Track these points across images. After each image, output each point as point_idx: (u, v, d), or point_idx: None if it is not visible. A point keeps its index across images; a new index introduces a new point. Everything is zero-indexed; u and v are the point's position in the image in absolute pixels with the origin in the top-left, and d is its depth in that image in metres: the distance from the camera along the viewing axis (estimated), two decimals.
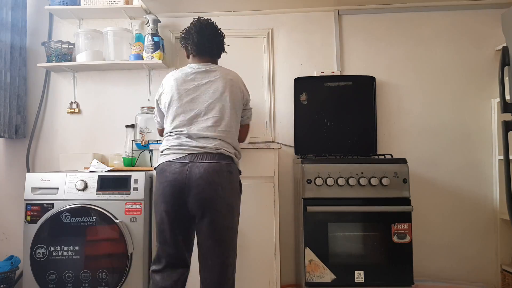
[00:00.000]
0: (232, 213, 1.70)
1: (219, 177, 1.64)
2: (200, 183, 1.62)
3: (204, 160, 1.65)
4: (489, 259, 2.55)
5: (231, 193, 1.69)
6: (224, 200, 1.65)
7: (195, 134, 1.69)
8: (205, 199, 1.63)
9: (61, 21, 2.80)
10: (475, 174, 2.59)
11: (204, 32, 1.81)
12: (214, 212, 1.64)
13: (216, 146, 1.68)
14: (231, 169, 1.70)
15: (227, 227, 1.67)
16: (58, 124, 2.77)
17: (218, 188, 1.64)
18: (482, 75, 2.63)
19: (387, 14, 2.69)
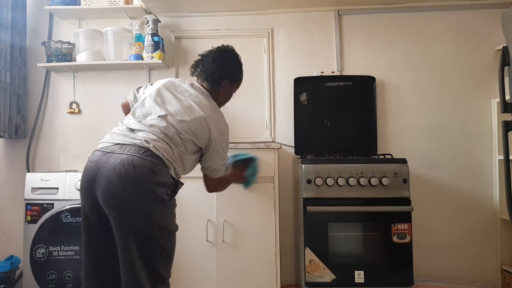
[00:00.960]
0: (150, 223, 1.39)
1: (136, 173, 1.36)
2: (109, 175, 1.36)
3: (125, 152, 1.40)
4: (489, 259, 2.55)
5: (148, 197, 1.38)
6: (136, 203, 1.36)
7: (138, 127, 1.50)
8: (112, 194, 1.36)
9: (61, 21, 2.80)
10: (475, 174, 2.59)
11: (215, 58, 1.74)
12: (121, 213, 1.37)
13: (147, 140, 1.43)
14: (158, 170, 1.40)
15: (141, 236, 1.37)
16: (58, 124, 2.76)
17: (130, 185, 1.35)
18: (482, 75, 2.63)
19: (387, 14, 2.69)
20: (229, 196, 2.19)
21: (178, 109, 1.56)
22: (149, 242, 1.40)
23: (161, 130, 1.48)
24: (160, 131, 1.48)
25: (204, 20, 2.75)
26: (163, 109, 1.55)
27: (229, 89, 1.82)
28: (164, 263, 1.45)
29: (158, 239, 1.41)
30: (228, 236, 2.18)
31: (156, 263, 1.41)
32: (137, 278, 1.37)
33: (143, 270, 1.38)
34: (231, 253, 2.18)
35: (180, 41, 2.77)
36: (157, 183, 1.40)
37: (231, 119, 2.71)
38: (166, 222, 1.45)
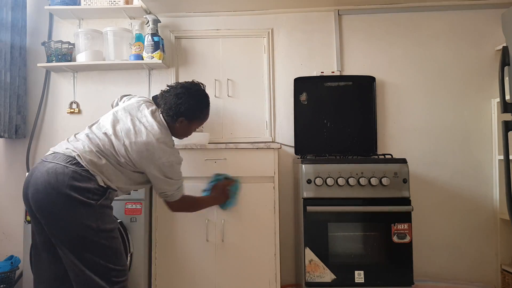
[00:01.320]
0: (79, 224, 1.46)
1: (57, 180, 1.44)
2: (36, 183, 1.46)
3: (54, 160, 1.49)
4: (489, 259, 2.55)
5: (71, 202, 1.45)
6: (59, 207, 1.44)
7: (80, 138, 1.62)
8: (37, 201, 1.46)
9: (61, 21, 2.80)
10: (475, 174, 2.59)
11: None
12: (50, 219, 1.46)
13: (74, 150, 1.53)
14: (79, 177, 1.48)
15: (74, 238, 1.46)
16: (58, 124, 2.77)
17: (52, 192, 1.43)
18: (482, 75, 2.63)
19: (387, 14, 2.69)
20: None
21: (126, 130, 1.65)
22: (83, 242, 1.48)
23: (97, 144, 1.59)
24: (95, 145, 1.59)
25: (204, 20, 2.75)
26: (111, 128, 1.65)
27: (187, 125, 1.83)
28: (113, 259, 1.53)
29: (93, 239, 1.49)
30: (228, 236, 2.18)
31: (99, 260, 1.49)
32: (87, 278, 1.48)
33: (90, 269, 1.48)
34: (231, 253, 2.18)
35: (180, 41, 2.77)
36: (78, 188, 1.47)
37: (231, 119, 2.71)
38: (97, 222, 1.50)
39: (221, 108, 2.71)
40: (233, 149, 2.20)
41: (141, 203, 2.14)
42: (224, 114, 2.72)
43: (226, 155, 2.19)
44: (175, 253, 2.18)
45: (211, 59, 2.75)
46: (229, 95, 2.72)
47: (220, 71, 2.73)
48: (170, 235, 2.19)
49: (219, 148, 2.20)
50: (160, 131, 1.69)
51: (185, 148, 2.20)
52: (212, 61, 2.74)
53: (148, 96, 2.72)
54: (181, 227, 2.19)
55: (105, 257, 1.50)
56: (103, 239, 1.51)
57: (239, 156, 2.19)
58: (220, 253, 2.17)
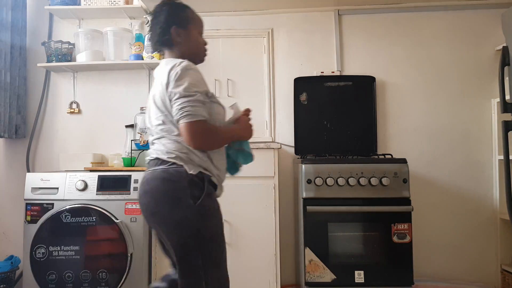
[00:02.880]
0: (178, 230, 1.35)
1: (150, 187, 1.37)
2: (139, 194, 1.43)
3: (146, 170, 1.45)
4: (489, 259, 2.55)
5: (168, 205, 1.34)
6: (159, 214, 1.36)
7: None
8: (144, 211, 1.42)
9: (61, 21, 2.80)
10: (475, 174, 2.59)
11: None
12: (155, 227, 1.42)
13: (151, 152, 1.45)
14: (169, 176, 1.34)
15: (173, 246, 1.37)
16: (58, 124, 2.76)
17: (151, 200, 1.36)
18: (482, 75, 2.63)
19: (387, 14, 2.69)
20: (229, 196, 2.19)
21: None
22: (183, 251, 1.37)
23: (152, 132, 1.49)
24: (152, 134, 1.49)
25: (204, 20, 2.74)
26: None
27: (185, 33, 1.56)
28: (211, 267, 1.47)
29: (193, 245, 1.37)
30: (228, 236, 2.17)
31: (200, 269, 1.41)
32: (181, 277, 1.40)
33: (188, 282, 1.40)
34: (231, 253, 2.17)
35: None
36: (175, 189, 1.34)
37: None
38: (199, 226, 1.36)
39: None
40: None
41: None
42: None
43: None
44: None
45: (211, 59, 2.73)
46: (229, 95, 2.72)
47: (220, 71, 2.73)
48: None
49: None
50: (162, 67, 1.48)
51: None
52: (212, 61, 2.74)
53: (148, 96, 2.72)
54: None
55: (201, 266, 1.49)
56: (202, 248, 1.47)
57: None
58: None
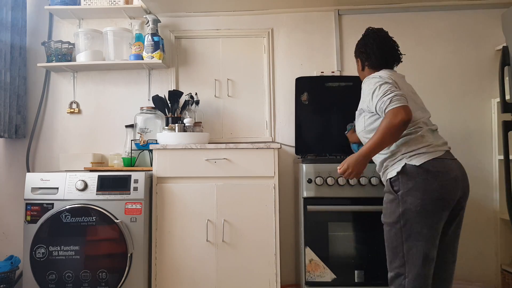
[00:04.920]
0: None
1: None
2: (464, 178, 1.63)
3: (453, 158, 1.66)
4: (489, 259, 2.55)
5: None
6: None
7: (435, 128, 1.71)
8: (467, 195, 1.65)
9: (61, 21, 2.80)
10: (475, 174, 2.59)
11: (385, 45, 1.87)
12: (464, 208, 1.66)
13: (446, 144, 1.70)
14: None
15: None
16: (58, 124, 2.76)
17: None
18: (482, 75, 2.63)
19: (387, 14, 2.69)
20: (229, 196, 2.19)
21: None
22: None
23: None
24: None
25: (204, 20, 2.75)
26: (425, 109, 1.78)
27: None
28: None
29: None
30: (228, 236, 2.18)
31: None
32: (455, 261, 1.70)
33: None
34: (231, 253, 2.18)
35: (180, 41, 2.77)
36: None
37: (231, 119, 2.71)
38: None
39: (221, 108, 2.71)
40: (233, 149, 2.19)
41: (141, 203, 2.13)
42: (224, 114, 2.72)
43: (226, 155, 2.19)
44: (175, 253, 2.18)
45: (211, 59, 2.75)
46: (229, 95, 2.72)
47: (220, 71, 2.73)
48: (170, 235, 2.19)
49: (219, 148, 2.20)
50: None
51: (185, 148, 2.20)
52: (212, 61, 2.74)
53: (148, 96, 2.72)
54: (181, 227, 2.19)
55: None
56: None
57: (239, 156, 2.19)
58: (220, 253, 2.17)
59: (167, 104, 2.51)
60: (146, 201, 2.16)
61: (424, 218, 1.55)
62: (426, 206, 1.54)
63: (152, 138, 2.50)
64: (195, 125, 2.46)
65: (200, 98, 2.60)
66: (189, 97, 2.54)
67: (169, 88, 2.68)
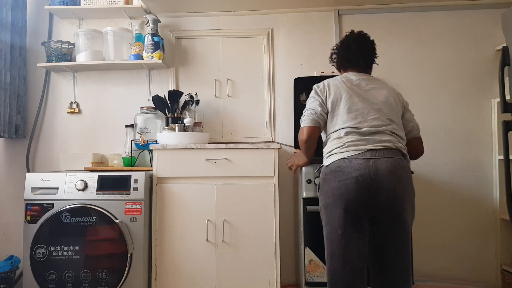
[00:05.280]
0: (413, 215, 1.65)
1: (406, 173, 1.61)
2: (390, 179, 1.55)
3: (388, 156, 1.59)
4: (489, 259, 2.55)
5: (413, 192, 1.64)
6: (411, 199, 1.62)
7: (371, 130, 1.64)
8: (396, 196, 1.56)
9: (61, 21, 2.80)
10: (475, 174, 2.59)
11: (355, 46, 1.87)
12: (403, 210, 1.57)
13: (395, 141, 1.64)
14: (409, 166, 1.67)
15: (409, 230, 1.61)
16: (58, 124, 2.77)
17: (407, 185, 1.60)
18: (482, 75, 2.63)
19: (387, 14, 2.69)
20: (229, 196, 2.19)
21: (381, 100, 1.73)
22: (410, 234, 1.63)
23: (389, 127, 1.67)
24: (391, 130, 1.67)
25: (204, 20, 2.75)
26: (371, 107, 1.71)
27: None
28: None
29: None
30: (228, 236, 2.18)
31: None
32: (408, 268, 1.61)
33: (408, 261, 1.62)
34: (231, 253, 2.18)
35: (180, 41, 2.77)
36: (411, 179, 1.64)
37: (231, 119, 2.71)
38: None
39: (221, 108, 2.71)
40: (233, 149, 2.20)
41: (141, 203, 2.14)
42: (224, 114, 2.72)
43: (226, 155, 2.19)
44: (175, 253, 2.18)
45: (211, 59, 2.75)
46: (229, 95, 2.72)
47: (220, 71, 2.73)
48: (170, 235, 2.19)
49: (219, 148, 2.20)
50: (379, 80, 1.87)
51: (185, 148, 2.20)
52: (212, 61, 2.74)
53: (148, 96, 2.72)
54: (181, 227, 2.19)
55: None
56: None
57: (239, 156, 2.19)
58: (220, 253, 2.17)
59: (167, 104, 2.52)
60: (146, 201, 2.16)
61: (328, 216, 1.64)
62: (328, 206, 1.62)
63: (152, 138, 2.50)
64: (195, 125, 2.46)
65: (200, 98, 2.60)
66: (189, 97, 2.54)
67: (169, 88, 2.68)
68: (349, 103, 1.71)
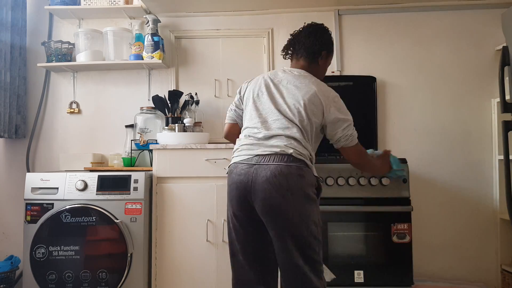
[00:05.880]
0: (306, 222, 1.48)
1: (288, 181, 1.46)
2: (266, 187, 1.46)
3: (271, 162, 1.48)
4: (489, 259, 2.55)
5: (301, 200, 1.48)
6: (295, 207, 1.47)
7: (267, 134, 1.55)
8: (272, 205, 1.47)
9: (61, 21, 2.80)
10: (475, 174, 2.59)
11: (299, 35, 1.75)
12: (282, 219, 1.47)
13: (287, 146, 1.50)
14: (303, 173, 1.49)
15: (298, 236, 1.47)
16: (58, 124, 2.77)
17: (287, 193, 1.46)
18: (482, 75, 2.63)
19: (387, 14, 2.69)
20: None
21: (290, 101, 1.59)
22: (309, 240, 1.49)
23: (290, 133, 1.54)
24: (289, 134, 1.53)
25: (204, 20, 2.75)
26: (277, 109, 1.58)
27: (326, 61, 1.79)
28: (320, 253, 1.55)
29: (316, 235, 1.51)
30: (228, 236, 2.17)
31: (316, 256, 1.51)
32: (304, 273, 1.48)
33: (307, 266, 1.49)
34: None
35: (180, 41, 2.77)
36: (307, 186, 1.50)
37: None
38: (318, 218, 1.55)
39: (221, 108, 2.71)
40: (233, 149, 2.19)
41: (141, 203, 2.14)
42: (224, 114, 2.69)
43: (226, 155, 2.19)
44: (175, 253, 2.18)
45: (211, 59, 2.75)
46: (229, 95, 2.72)
47: (220, 71, 2.73)
48: (170, 235, 2.19)
49: (219, 148, 2.20)
50: (307, 78, 1.67)
51: (185, 148, 2.20)
52: (212, 61, 2.74)
53: (148, 96, 2.72)
54: (181, 227, 2.19)
55: (317, 252, 1.53)
56: (318, 235, 1.54)
57: None
58: (220, 253, 2.17)
59: (167, 104, 2.52)
60: (146, 201, 2.16)
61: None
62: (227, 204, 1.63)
63: (152, 138, 2.50)
64: (195, 125, 2.46)
65: (200, 98, 2.60)
66: (189, 97, 2.54)
67: (169, 88, 2.68)
68: (257, 102, 1.63)
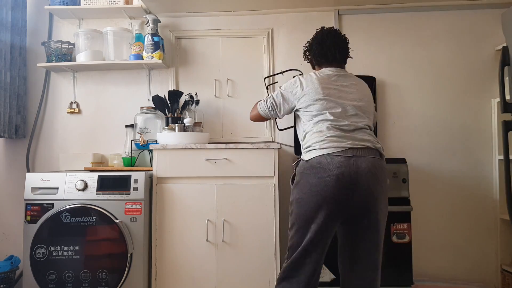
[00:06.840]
0: (386, 216, 1.65)
1: (384, 174, 1.61)
2: (369, 178, 1.54)
3: (368, 155, 1.58)
4: (489, 259, 2.55)
5: (387, 193, 1.64)
6: (386, 200, 1.62)
7: (349, 127, 1.64)
8: (374, 197, 1.56)
9: (61, 21, 2.80)
10: (475, 174, 2.59)
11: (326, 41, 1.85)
12: (378, 211, 1.58)
13: (374, 143, 1.63)
14: (385, 167, 1.66)
15: (382, 231, 1.62)
16: (58, 124, 2.77)
17: (384, 186, 1.60)
18: (482, 75, 2.63)
19: (387, 14, 2.69)
20: (229, 196, 2.20)
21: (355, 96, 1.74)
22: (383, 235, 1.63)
23: (368, 125, 1.70)
24: (367, 127, 1.69)
25: (204, 20, 2.75)
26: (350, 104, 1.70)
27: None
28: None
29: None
30: (228, 236, 2.18)
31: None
32: (378, 270, 1.62)
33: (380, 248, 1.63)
34: (231, 253, 2.18)
35: (180, 41, 2.77)
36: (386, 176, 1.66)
37: (231, 119, 2.71)
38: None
39: (221, 108, 2.71)
40: (233, 149, 2.20)
41: (141, 203, 2.14)
42: (224, 114, 2.72)
43: (226, 155, 2.19)
44: (175, 253, 2.18)
45: (211, 59, 2.75)
46: (229, 95, 2.72)
47: (220, 71, 2.73)
48: (170, 235, 2.19)
49: (219, 148, 2.20)
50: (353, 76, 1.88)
51: (185, 148, 2.20)
52: (212, 61, 2.74)
53: (148, 96, 2.72)
54: (181, 227, 2.19)
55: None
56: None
57: (239, 156, 2.19)
58: (220, 253, 2.17)
59: (167, 104, 2.52)
60: (146, 201, 2.16)
61: (299, 210, 1.61)
62: (303, 201, 1.59)
63: (152, 138, 2.51)
64: (195, 125, 2.46)
65: (200, 98, 2.60)
66: (189, 97, 2.54)
67: (169, 88, 2.68)
68: (328, 98, 1.69)
